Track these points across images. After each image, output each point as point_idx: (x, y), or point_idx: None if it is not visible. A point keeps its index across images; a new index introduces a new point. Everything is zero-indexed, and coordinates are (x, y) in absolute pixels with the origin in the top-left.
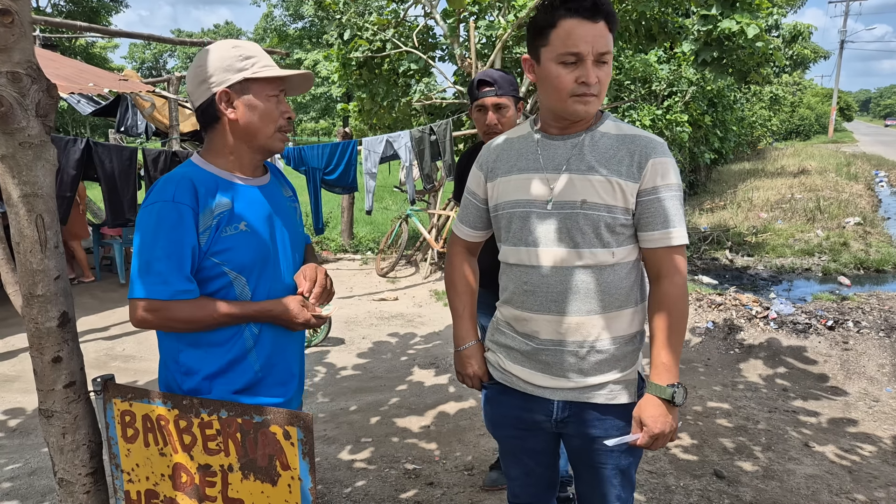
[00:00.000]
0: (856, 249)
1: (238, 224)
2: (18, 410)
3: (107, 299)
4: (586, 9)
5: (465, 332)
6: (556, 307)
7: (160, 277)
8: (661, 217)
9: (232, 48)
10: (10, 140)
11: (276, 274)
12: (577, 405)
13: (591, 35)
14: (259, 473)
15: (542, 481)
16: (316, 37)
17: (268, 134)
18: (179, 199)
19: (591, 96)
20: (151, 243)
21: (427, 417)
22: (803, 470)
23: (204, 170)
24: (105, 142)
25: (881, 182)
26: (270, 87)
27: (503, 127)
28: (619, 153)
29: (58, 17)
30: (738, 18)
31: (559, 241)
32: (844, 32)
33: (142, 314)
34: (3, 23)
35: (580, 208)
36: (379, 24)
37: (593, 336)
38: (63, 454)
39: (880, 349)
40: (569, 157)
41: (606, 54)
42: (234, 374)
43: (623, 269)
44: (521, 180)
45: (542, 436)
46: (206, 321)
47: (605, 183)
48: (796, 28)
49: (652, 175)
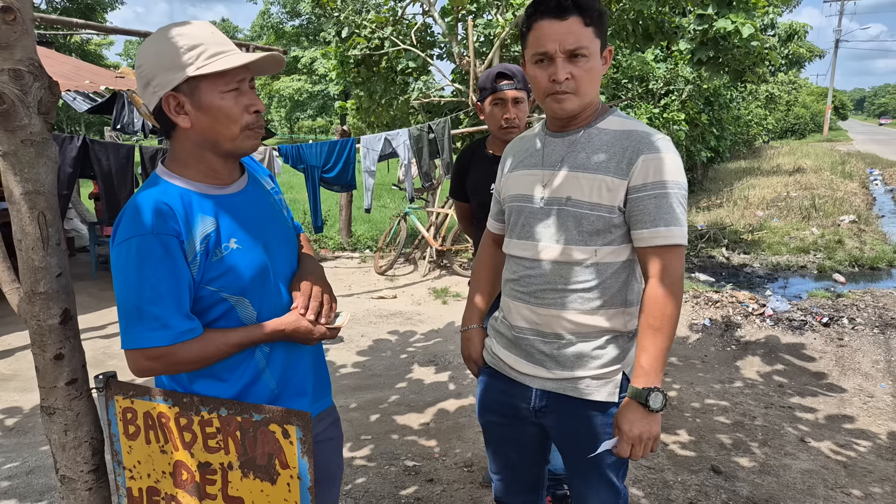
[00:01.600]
0: (850, 247)
1: (227, 243)
2: (15, 409)
3: (103, 298)
4: (551, 8)
5: (469, 314)
6: (535, 299)
7: (158, 322)
8: (650, 215)
9: (170, 38)
10: (12, 137)
11: (278, 286)
12: (554, 395)
13: (557, 33)
14: (258, 472)
15: (525, 479)
16: (313, 34)
17: (231, 136)
18: (159, 230)
19: (565, 94)
20: (137, 285)
21: (427, 415)
22: (799, 465)
23: (175, 185)
24: (102, 139)
25: (876, 180)
26: (224, 80)
27: (520, 122)
28: (613, 149)
29: (53, 14)
30: (734, 18)
31: (546, 236)
32: (839, 31)
33: (144, 364)
34: (6, 20)
35: (565, 205)
36: (377, 21)
37: (569, 331)
38: (65, 451)
39: (875, 345)
40: (565, 154)
41: (579, 49)
42: (251, 398)
43: (608, 269)
44: (523, 176)
45: (525, 426)
46: (216, 356)
47: (591, 180)
48: (792, 27)
49: (642, 172)
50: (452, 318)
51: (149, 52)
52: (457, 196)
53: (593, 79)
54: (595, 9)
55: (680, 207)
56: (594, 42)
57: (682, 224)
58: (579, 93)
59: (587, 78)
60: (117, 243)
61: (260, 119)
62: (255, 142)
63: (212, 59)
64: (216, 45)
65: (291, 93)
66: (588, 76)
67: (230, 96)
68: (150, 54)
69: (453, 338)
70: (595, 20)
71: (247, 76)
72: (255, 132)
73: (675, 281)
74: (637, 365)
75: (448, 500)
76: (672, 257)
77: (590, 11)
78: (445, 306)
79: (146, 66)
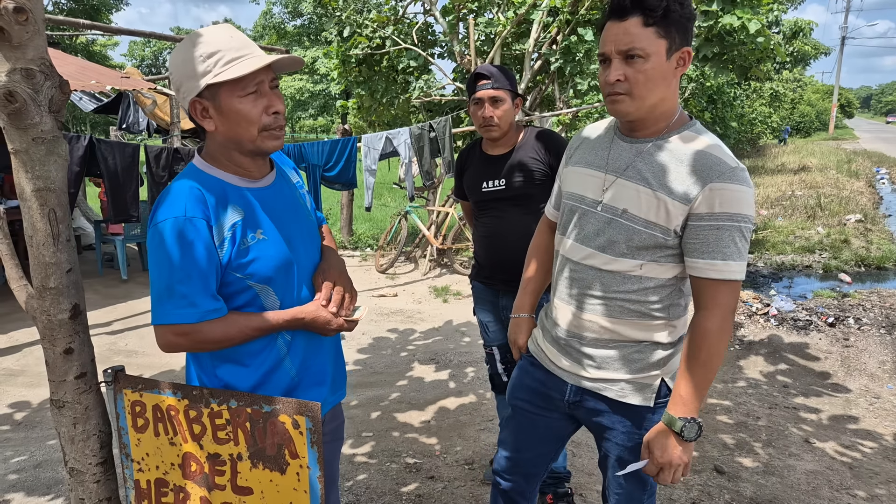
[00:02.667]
0: (857, 246)
1: (254, 233)
2: (24, 404)
3: (109, 295)
4: (613, 9)
5: (521, 303)
6: (577, 302)
7: (186, 300)
8: (709, 246)
9: (192, 46)
10: (23, 135)
11: (302, 277)
12: (588, 393)
13: (614, 34)
14: (268, 462)
15: (528, 465)
16: (315, 34)
17: (251, 138)
18: (192, 213)
19: (619, 95)
20: (169, 264)
21: (427, 412)
22: (804, 466)
23: (209, 175)
24: (108, 139)
25: (882, 179)
26: (241, 85)
27: (499, 121)
28: (680, 170)
29: (59, 15)
30: (740, 14)
31: (595, 242)
32: (845, 28)
33: (172, 339)
34: (18, 20)
35: (620, 217)
36: (378, 21)
37: (609, 335)
38: (74, 444)
39: (881, 346)
40: (630, 162)
41: (633, 49)
42: (272, 384)
43: (651, 284)
44: (585, 175)
45: (553, 415)
46: (239, 338)
47: (651, 198)
48: (797, 24)
49: (707, 200)
50: (452, 317)
51: (176, 61)
52: (458, 194)
53: (651, 81)
54: (659, 7)
55: (742, 241)
56: (655, 42)
57: (742, 258)
58: (634, 95)
59: (642, 80)
60: (153, 224)
61: (279, 119)
62: (277, 142)
63: (228, 66)
64: (233, 51)
65: (293, 92)
66: (644, 77)
67: (248, 100)
68: (178, 63)
69: (454, 336)
70: (659, 20)
71: (266, 77)
72: (274, 132)
73: (727, 316)
74: (676, 392)
75: (449, 498)
76: (727, 291)
77: (653, 11)
78: (446, 305)
79: (175, 75)
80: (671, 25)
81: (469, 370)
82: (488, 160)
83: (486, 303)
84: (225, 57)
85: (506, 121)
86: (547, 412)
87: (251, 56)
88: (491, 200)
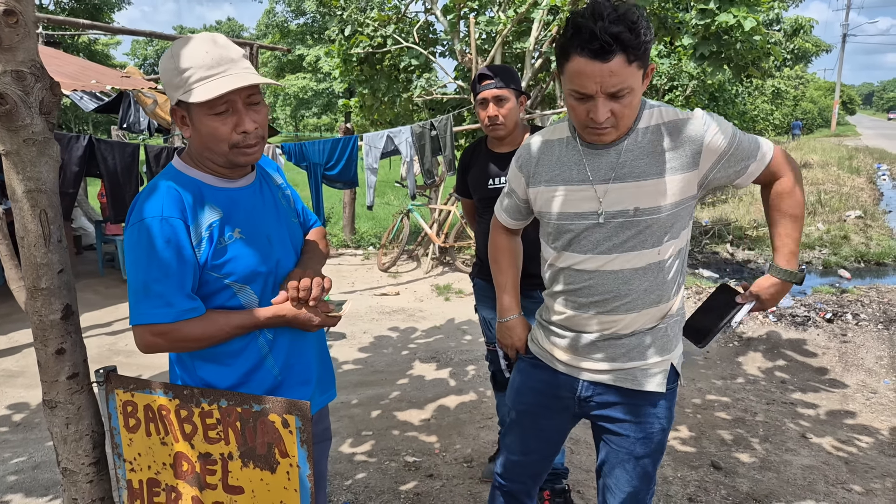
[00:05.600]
0: (856, 243)
1: (231, 232)
2: (22, 405)
3: (110, 295)
4: (593, 50)
5: (508, 305)
6: (600, 307)
7: (162, 300)
8: (744, 156)
9: (170, 58)
10: (14, 137)
11: (281, 276)
12: (602, 386)
13: (599, 75)
14: (258, 461)
15: (534, 466)
16: (317, 33)
17: (222, 153)
18: (169, 213)
19: (606, 129)
20: (146, 264)
21: (427, 411)
22: (800, 461)
23: (187, 175)
24: (108, 139)
25: (883, 175)
26: (208, 105)
27: (504, 119)
28: (666, 146)
29: (61, 14)
30: (735, 12)
31: (609, 248)
32: (847, 25)
33: (150, 339)
34: (8, 23)
35: (633, 216)
36: (380, 20)
37: (631, 329)
38: (66, 444)
39: (879, 341)
40: (615, 165)
41: (622, 90)
42: (254, 383)
43: (666, 264)
44: (569, 193)
45: (559, 415)
46: (220, 335)
47: (657, 184)
48: (797, 22)
49: (712, 151)
50: (454, 315)
51: (161, 68)
52: (460, 192)
53: (634, 108)
54: (641, 46)
55: (748, 136)
56: (636, 75)
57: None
58: (620, 126)
59: (629, 112)
60: (130, 225)
61: (248, 138)
62: (248, 158)
63: (197, 84)
64: (204, 69)
65: (296, 91)
66: (630, 110)
67: (218, 119)
68: (161, 70)
69: (455, 334)
70: (638, 52)
71: (239, 96)
72: (244, 150)
73: (793, 172)
74: (784, 250)
75: (448, 496)
76: (779, 158)
77: (635, 49)
78: (448, 303)
79: (162, 79)
80: (645, 54)
81: (470, 368)
82: (494, 158)
83: (488, 300)
84: (194, 76)
85: (511, 119)
86: (554, 413)
87: (222, 75)
88: (496, 198)
